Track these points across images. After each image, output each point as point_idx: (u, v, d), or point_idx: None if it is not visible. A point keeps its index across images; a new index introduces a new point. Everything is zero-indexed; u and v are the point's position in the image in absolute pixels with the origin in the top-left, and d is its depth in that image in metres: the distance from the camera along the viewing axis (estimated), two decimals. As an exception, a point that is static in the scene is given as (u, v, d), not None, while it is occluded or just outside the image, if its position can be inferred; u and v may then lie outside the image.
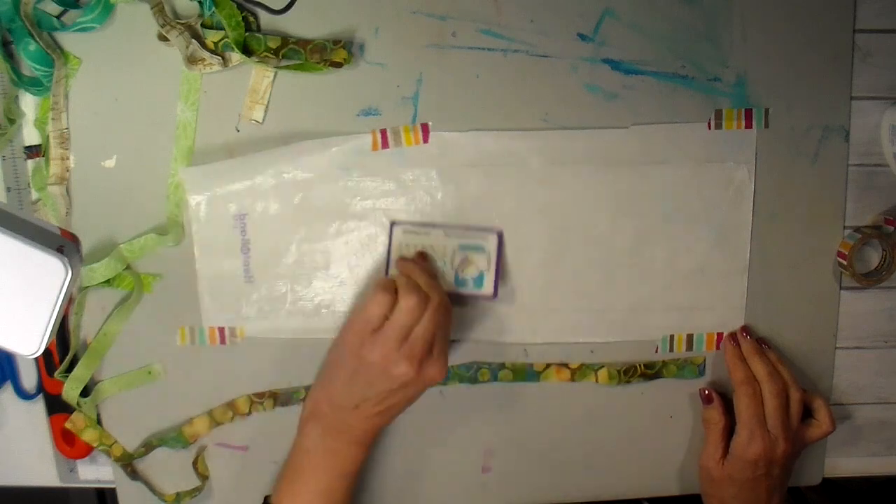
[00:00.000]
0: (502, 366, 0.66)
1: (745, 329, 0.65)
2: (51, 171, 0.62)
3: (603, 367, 0.66)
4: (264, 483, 0.68)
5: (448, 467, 0.68)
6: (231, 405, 0.66)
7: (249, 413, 0.66)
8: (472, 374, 0.66)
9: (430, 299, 0.56)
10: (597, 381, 0.66)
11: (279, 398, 0.66)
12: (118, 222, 0.63)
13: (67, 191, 0.63)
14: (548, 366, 0.66)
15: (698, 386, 0.67)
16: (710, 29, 0.62)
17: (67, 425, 0.65)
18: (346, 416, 0.58)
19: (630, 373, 0.66)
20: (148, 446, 0.66)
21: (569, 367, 0.66)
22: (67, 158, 0.62)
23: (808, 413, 0.64)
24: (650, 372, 0.66)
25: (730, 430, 0.64)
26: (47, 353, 0.65)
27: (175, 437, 0.66)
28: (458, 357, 0.66)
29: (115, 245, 0.63)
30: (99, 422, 0.66)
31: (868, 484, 0.74)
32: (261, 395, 0.66)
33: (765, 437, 0.61)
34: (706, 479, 0.65)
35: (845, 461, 0.70)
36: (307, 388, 0.66)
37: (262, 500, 0.67)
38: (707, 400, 0.65)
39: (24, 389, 0.67)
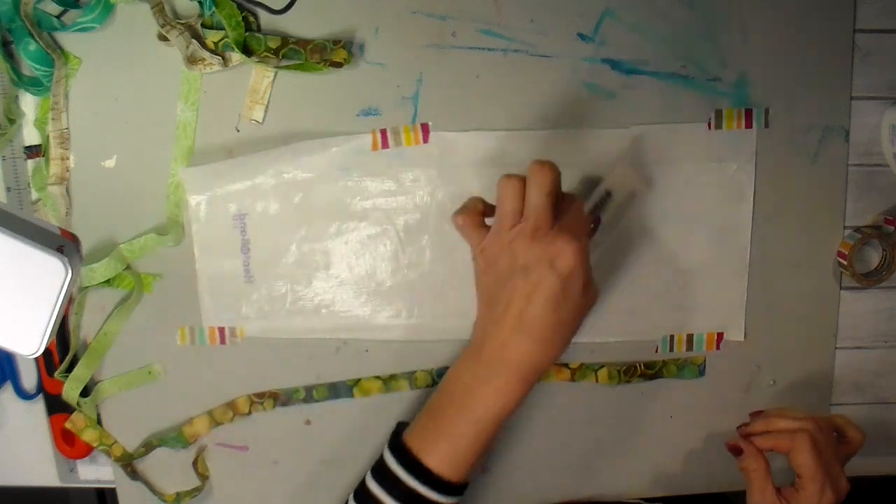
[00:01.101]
0: None
1: (744, 426, 0.62)
2: (51, 171, 0.62)
3: (603, 367, 0.66)
4: (264, 483, 0.68)
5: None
6: (231, 405, 0.66)
7: (249, 413, 0.66)
8: None
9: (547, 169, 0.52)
10: (597, 380, 0.66)
11: (279, 398, 0.66)
12: (118, 222, 0.63)
13: (67, 191, 0.63)
14: None
15: (699, 386, 0.67)
16: (710, 29, 0.62)
17: (67, 425, 0.65)
18: (519, 343, 0.52)
19: (630, 373, 0.66)
20: (148, 446, 0.66)
21: (569, 367, 0.66)
22: (67, 158, 0.62)
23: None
24: (650, 372, 0.66)
25: (769, 471, 0.59)
26: (47, 353, 0.65)
27: (175, 437, 0.66)
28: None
29: (115, 245, 0.63)
30: (99, 422, 0.66)
31: (868, 484, 0.74)
32: (261, 395, 0.66)
33: (833, 486, 0.56)
34: None
35: (845, 461, 0.70)
36: (307, 388, 0.66)
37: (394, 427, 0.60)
38: (736, 452, 0.60)
39: (24, 389, 0.67)
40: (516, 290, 0.52)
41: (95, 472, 0.69)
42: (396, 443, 0.56)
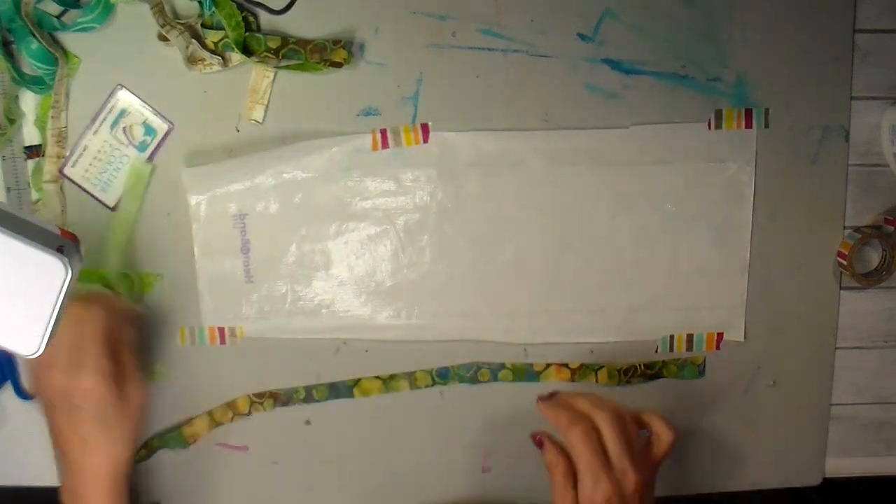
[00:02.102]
0: (502, 366, 0.66)
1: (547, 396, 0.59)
2: (46, 168, 0.62)
3: (603, 367, 0.66)
4: (264, 483, 0.68)
5: (448, 467, 0.68)
6: (231, 405, 0.66)
7: (249, 413, 0.66)
8: (472, 375, 0.66)
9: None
10: (597, 381, 0.66)
11: (279, 398, 0.66)
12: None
13: (62, 189, 0.63)
14: (548, 366, 0.66)
15: (699, 386, 0.67)
16: (710, 29, 0.62)
17: None
18: None
19: (630, 373, 0.66)
20: (149, 448, 0.66)
21: (569, 367, 0.66)
22: (64, 157, 0.62)
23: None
24: (650, 372, 0.66)
25: (574, 473, 0.55)
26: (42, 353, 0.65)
27: (175, 438, 0.66)
28: (458, 357, 0.66)
29: (112, 246, 0.63)
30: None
31: (868, 484, 0.74)
32: (261, 395, 0.66)
33: (611, 476, 0.52)
34: None
35: (845, 461, 0.70)
36: (307, 388, 0.66)
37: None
38: (538, 444, 0.57)
39: (24, 390, 0.67)
40: None
41: (95, 472, 0.69)
42: None
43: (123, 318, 0.59)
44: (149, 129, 0.62)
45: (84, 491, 0.56)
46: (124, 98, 0.62)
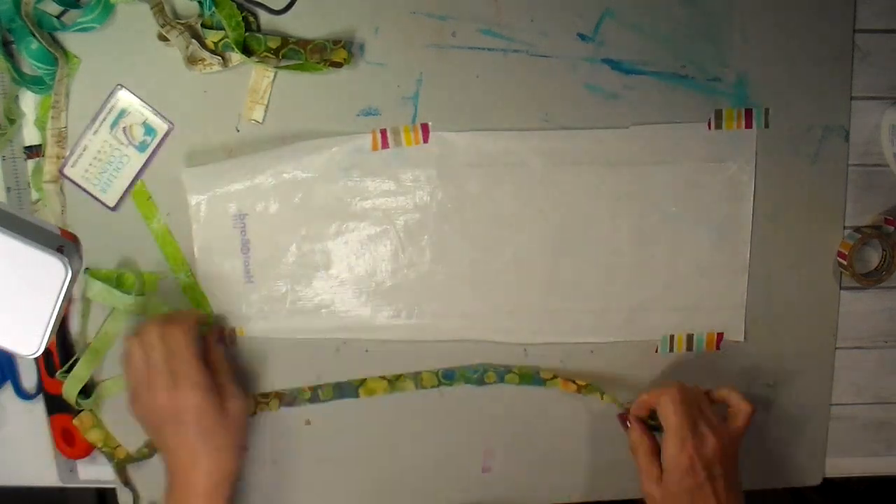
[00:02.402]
0: (509, 369, 0.66)
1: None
2: (46, 168, 0.62)
3: (608, 394, 0.65)
4: (264, 483, 0.68)
5: (448, 467, 0.68)
6: None
7: (255, 413, 0.66)
8: (478, 376, 0.66)
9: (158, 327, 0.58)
10: (602, 400, 0.66)
11: (284, 398, 0.66)
12: (113, 222, 0.63)
13: (62, 189, 0.63)
14: (554, 376, 0.66)
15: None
16: (710, 29, 0.62)
17: (75, 422, 0.65)
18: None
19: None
20: (151, 447, 0.66)
21: (576, 383, 0.65)
22: (64, 157, 0.62)
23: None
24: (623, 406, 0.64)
25: (658, 452, 0.60)
26: (47, 353, 0.65)
27: None
28: (458, 357, 0.66)
29: (110, 245, 0.63)
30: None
31: (868, 484, 0.74)
32: (266, 395, 0.66)
33: (694, 438, 0.58)
34: (652, 502, 0.60)
35: (845, 461, 0.70)
36: (311, 389, 0.66)
37: None
38: (624, 423, 0.63)
39: (24, 390, 0.67)
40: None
41: (95, 473, 0.69)
42: None
43: (209, 332, 0.63)
44: (149, 129, 0.62)
45: (186, 497, 0.57)
46: (124, 98, 0.62)
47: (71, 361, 0.64)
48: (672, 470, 0.58)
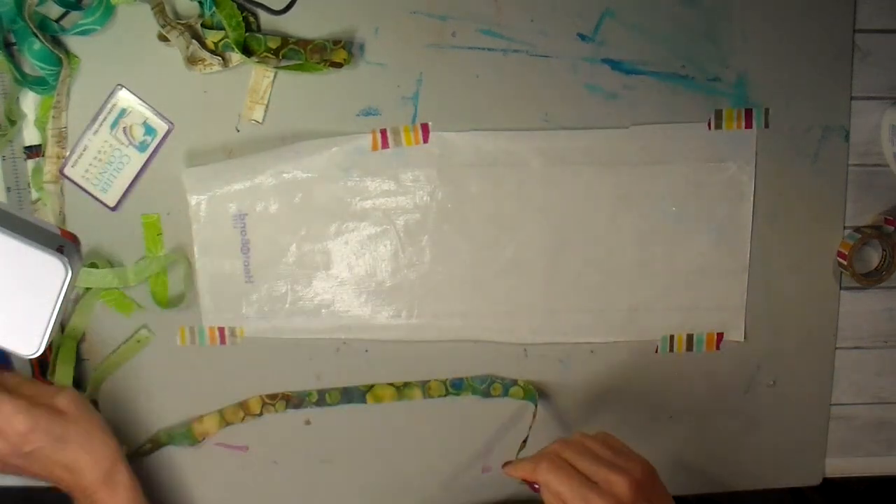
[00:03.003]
0: (514, 382, 0.66)
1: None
2: (46, 168, 0.62)
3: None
4: (264, 483, 0.68)
5: (448, 467, 0.68)
6: (243, 405, 0.66)
7: (261, 414, 0.66)
8: (485, 388, 0.66)
9: None
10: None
11: (291, 400, 0.66)
12: (113, 222, 0.63)
13: (62, 190, 0.63)
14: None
15: (699, 386, 0.67)
16: (710, 29, 0.62)
17: None
18: None
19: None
20: (155, 443, 0.66)
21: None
22: (64, 157, 0.62)
23: None
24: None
25: None
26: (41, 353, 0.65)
27: (184, 434, 0.66)
28: (459, 358, 0.66)
29: (110, 246, 0.63)
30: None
31: (868, 484, 0.74)
32: (273, 397, 0.66)
33: (598, 491, 0.48)
34: None
35: (845, 461, 0.70)
36: (320, 392, 0.66)
37: None
38: (534, 489, 0.52)
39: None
40: None
41: (95, 473, 0.69)
42: None
43: None
44: (149, 129, 0.62)
45: (84, 492, 0.56)
46: (125, 98, 0.62)
47: (51, 364, 0.64)
48: None
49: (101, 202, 0.63)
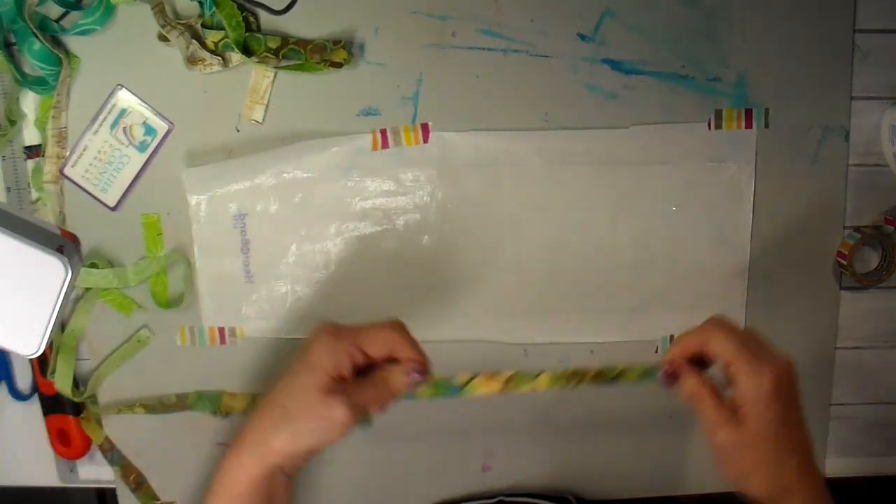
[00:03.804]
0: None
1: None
2: (46, 168, 0.62)
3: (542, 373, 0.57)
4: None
5: (448, 467, 0.68)
6: None
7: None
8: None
9: None
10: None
11: None
12: (112, 222, 0.63)
13: (62, 190, 0.63)
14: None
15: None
16: (710, 29, 0.62)
17: (83, 419, 0.65)
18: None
19: (578, 378, 0.57)
20: (182, 402, 0.65)
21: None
22: (64, 157, 0.62)
23: None
24: (604, 378, 0.57)
25: (720, 395, 0.51)
26: (41, 353, 0.65)
27: (210, 399, 0.65)
28: (458, 358, 0.66)
29: (110, 246, 0.63)
30: (99, 424, 0.66)
31: (868, 484, 0.74)
32: None
33: (769, 360, 0.49)
34: (732, 453, 0.51)
35: (845, 461, 0.70)
36: None
37: None
38: (672, 379, 0.53)
39: (19, 390, 0.67)
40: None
41: (95, 472, 0.69)
42: None
43: (389, 343, 0.53)
44: (149, 129, 0.62)
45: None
46: (124, 98, 0.62)
47: (51, 364, 0.64)
48: (754, 402, 0.49)
49: (101, 202, 0.63)
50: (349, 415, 0.49)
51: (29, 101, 0.63)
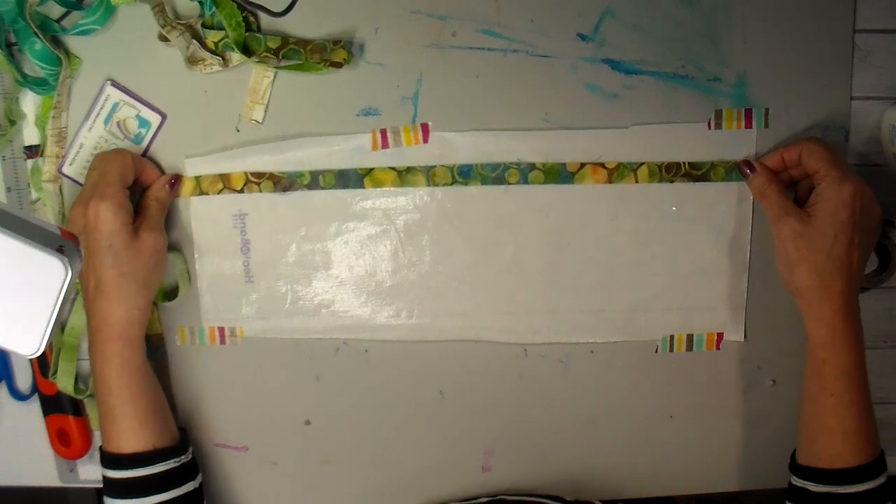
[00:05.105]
0: (532, 166, 0.63)
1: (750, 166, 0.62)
2: (46, 168, 0.62)
3: (643, 164, 0.63)
4: (264, 483, 0.68)
5: (448, 467, 0.68)
6: (223, 177, 0.63)
7: (242, 191, 0.63)
8: (498, 175, 0.63)
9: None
10: (636, 180, 0.63)
11: (280, 182, 0.63)
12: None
13: (61, 189, 0.63)
14: (582, 165, 0.63)
15: (699, 386, 0.67)
16: (710, 29, 0.62)
17: (86, 417, 0.66)
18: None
19: (673, 171, 0.63)
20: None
21: (605, 167, 0.63)
22: (63, 157, 0.62)
23: None
24: (696, 173, 0.63)
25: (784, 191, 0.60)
26: (41, 354, 0.65)
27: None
28: (458, 357, 0.66)
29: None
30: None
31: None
32: (259, 175, 0.63)
33: (854, 174, 0.57)
34: (789, 241, 0.57)
35: (845, 461, 0.70)
36: (312, 174, 0.62)
37: None
38: (749, 168, 0.61)
39: (18, 391, 0.67)
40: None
41: (95, 473, 0.69)
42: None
43: (155, 173, 0.62)
44: (142, 122, 0.62)
45: (99, 338, 0.58)
46: (114, 92, 0.62)
47: (52, 364, 0.64)
48: (827, 202, 0.56)
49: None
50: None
51: (29, 101, 0.63)
